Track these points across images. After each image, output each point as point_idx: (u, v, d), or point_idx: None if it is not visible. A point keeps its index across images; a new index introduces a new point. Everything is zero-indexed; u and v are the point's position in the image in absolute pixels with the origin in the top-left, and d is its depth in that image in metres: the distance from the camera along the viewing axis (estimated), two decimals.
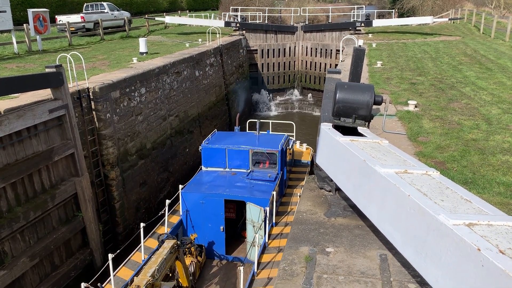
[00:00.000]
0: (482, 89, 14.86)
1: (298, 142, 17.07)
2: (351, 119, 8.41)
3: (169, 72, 17.03)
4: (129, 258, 9.69)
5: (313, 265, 6.24)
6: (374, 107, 8.75)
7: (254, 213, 10.37)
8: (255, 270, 8.95)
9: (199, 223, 11.35)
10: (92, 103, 12.19)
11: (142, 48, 19.71)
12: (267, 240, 9.92)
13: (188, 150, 18.18)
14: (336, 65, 24.86)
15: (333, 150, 7.86)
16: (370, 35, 30.17)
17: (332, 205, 8.26)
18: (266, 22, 36.42)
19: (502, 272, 3.45)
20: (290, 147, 13.93)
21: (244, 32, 30.51)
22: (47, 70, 10.39)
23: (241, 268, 8.16)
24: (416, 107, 12.77)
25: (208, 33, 25.06)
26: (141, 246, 9.75)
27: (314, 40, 31.92)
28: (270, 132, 14.71)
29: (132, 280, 8.37)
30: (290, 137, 14.79)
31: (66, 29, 23.37)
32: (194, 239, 10.64)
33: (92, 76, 13.88)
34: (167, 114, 16.67)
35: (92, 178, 12.03)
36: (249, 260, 10.47)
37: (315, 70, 32.04)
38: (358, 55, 10.06)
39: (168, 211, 11.14)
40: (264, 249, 9.73)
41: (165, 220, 10.80)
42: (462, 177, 8.16)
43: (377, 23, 31.59)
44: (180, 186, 11.36)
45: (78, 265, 11.04)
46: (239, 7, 37.60)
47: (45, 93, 10.80)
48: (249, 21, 33.45)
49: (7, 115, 9.01)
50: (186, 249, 9.63)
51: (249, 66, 30.72)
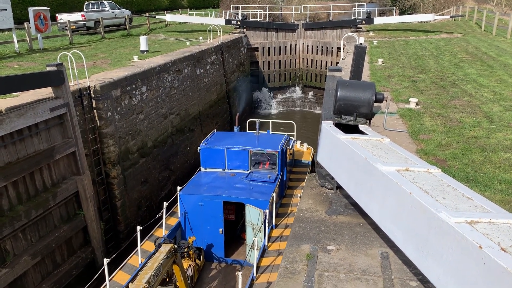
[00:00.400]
0: (483, 87, 14.82)
1: (298, 142, 16.89)
2: (352, 117, 8.40)
3: (170, 70, 17.02)
4: (126, 262, 9.50)
5: (314, 263, 6.24)
6: (375, 105, 8.74)
7: (253, 215, 10.20)
8: (254, 274, 8.78)
9: (197, 225, 11.17)
10: (93, 101, 12.19)
11: (143, 46, 19.70)
12: (266, 243, 9.75)
13: (189, 149, 18.18)
14: (337, 63, 24.82)
15: (334, 148, 7.86)
16: (371, 32, 30.10)
17: (333, 203, 8.26)
18: (267, 20, 36.36)
19: (504, 270, 3.44)
20: (290, 147, 13.75)
21: (245, 30, 30.47)
22: (48, 69, 10.38)
23: (240, 274, 7.99)
24: (417, 104, 12.75)
25: (209, 31, 25.03)
26: (138, 249, 9.54)
27: (315, 38, 31.87)
28: (270, 132, 14.57)
29: (127, 286, 8.24)
30: (291, 137, 14.62)
31: (67, 27, 23.36)
32: (193, 242, 10.48)
33: (93, 74, 13.88)
34: (168, 113, 16.67)
35: (93, 176, 12.04)
36: (248, 263, 10.30)
37: (316, 68, 32.00)
38: (359, 52, 10.04)
39: (166, 213, 10.97)
40: (263, 252, 9.55)
41: (163, 222, 10.61)
42: (463, 174, 8.15)
43: (378, 20, 31.53)
44: (178, 188, 11.18)
45: (79, 264, 11.06)
46: (240, 5, 37.56)
47: (46, 92, 10.80)
48: (250, 19, 33.40)
49: (8, 114, 9.01)
50: (184, 252, 9.46)
51: (250, 64, 30.69)
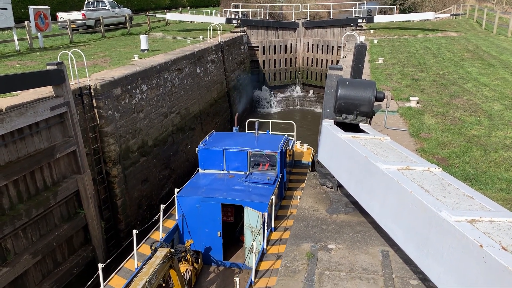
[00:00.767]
0: (484, 85, 14.81)
1: (298, 142, 16.68)
2: (353, 115, 8.39)
3: (170, 69, 17.01)
4: (122, 266, 9.35)
5: (315, 262, 6.24)
6: (376, 103, 8.72)
7: (252, 218, 10.04)
8: (253, 279, 8.58)
9: (195, 228, 10.98)
10: (94, 100, 12.19)
11: (143, 45, 19.69)
12: (265, 247, 9.55)
13: (189, 147, 18.18)
14: (338, 61, 24.80)
15: (334, 147, 7.85)
16: (372, 31, 30.07)
17: (333, 201, 8.26)
18: (267, 18, 36.32)
19: (505, 269, 3.44)
20: (290, 148, 13.57)
21: (245, 28, 30.44)
22: (48, 68, 10.37)
23: (237, 280, 7.85)
24: (418, 103, 12.74)
25: (209, 29, 25.01)
26: (134, 253, 9.36)
27: (315, 36, 31.83)
28: (270, 132, 14.41)
29: None
30: (290, 138, 14.44)
31: (67, 26, 23.35)
32: (190, 245, 10.29)
33: (93, 73, 13.88)
34: (168, 111, 16.67)
35: (94, 175, 12.04)
36: (247, 266, 10.16)
37: (316, 66, 31.97)
38: (360, 51, 10.02)
39: (164, 216, 10.76)
40: (262, 255, 9.37)
41: (159, 225, 10.43)
42: (464, 173, 8.15)
43: (378, 19, 31.48)
44: (176, 190, 10.97)
45: (80, 262, 11.08)
46: (240, 4, 37.52)
47: (47, 91, 10.80)
48: (250, 18, 33.37)
49: (9, 113, 9.01)
50: (181, 256, 9.28)
51: (251, 62, 30.66)
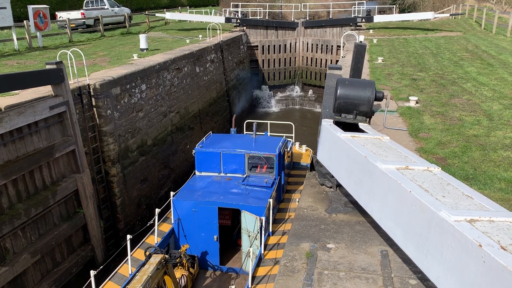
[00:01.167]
0: (483, 85, 14.82)
1: (297, 144, 16.45)
2: (352, 115, 8.40)
3: (169, 68, 17.00)
4: (116, 271, 9.14)
5: (314, 261, 6.25)
6: (375, 103, 8.73)
7: (249, 222, 9.88)
8: (249, 285, 8.38)
9: (191, 232, 10.79)
10: (93, 99, 12.17)
11: (143, 44, 19.67)
12: (263, 252, 9.33)
13: (189, 147, 18.17)
14: (337, 61, 24.81)
15: (334, 146, 7.86)
16: (371, 31, 30.08)
17: (333, 201, 8.27)
18: (267, 18, 36.32)
19: (504, 268, 3.44)
20: (288, 149, 13.38)
21: (245, 28, 30.43)
22: (47, 67, 10.35)
23: (233, 287, 7.79)
24: (417, 103, 12.75)
25: (209, 29, 24.99)
26: (128, 258, 9.12)
27: (315, 36, 31.83)
28: (268, 134, 14.26)
29: None
30: (289, 139, 14.24)
31: (66, 25, 23.31)
32: (186, 250, 10.12)
33: (92, 72, 13.87)
34: (167, 111, 16.66)
35: (93, 174, 12.03)
36: (244, 271, 10.06)
37: (316, 66, 31.97)
38: (359, 51, 10.03)
39: (159, 220, 10.55)
40: (259, 261, 9.14)
41: (155, 229, 10.19)
42: (463, 173, 8.16)
43: (378, 18, 31.49)
44: (172, 193, 10.78)
45: (79, 262, 11.06)
46: (240, 3, 37.51)
47: (46, 90, 10.78)
48: (250, 17, 33.36)
49: (8, 112, 9.00)
50: (176, 262, 9.10)
51: (250, 62, 30.66)
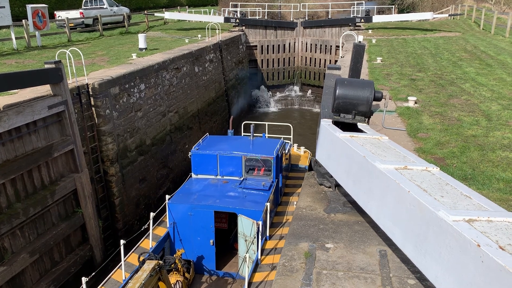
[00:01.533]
0: (482, 85, 14.84)
1: (295, 145, 16.20)
2: (351, 115, 8.41)
3: (168, 68, 16.99)
4: (109, 277, 8.99)
5: (313, 261, 6.25)
6: (374, 103, 8.74)
7: (246, 226, 9.69)
8: None
9: (187, 236, 10.59)
10: (92, 99, 12.16)
11: (142, 44, 19.65)
12: (259, 257, 9.15)
13: (187, 146, 18.16)
14: (336, 61, 24.82)
15: (333, 146, 7.86)
16: (370, 31, 30.10)
17: (331, 201, 8.27)
18: (266, 18, 36.32)
19: (502, 268, 3.45)
20: (286, 151, 13.20)
21: (244, 28, 30.43)
22: (46, 66, 10.34)
23: None
24: (416, 103, 12.77)
25: (208, 29, 24.98)
26: (121, 264, 8.96)
27: (313, 36, 31.84)
28: (266, 135, 14.11)
29: None
30: (287, 141, 14.06)
31: (65, 25, 23.28)
32: (181, 254, 9.94)
33: (91, 72, 13.85)
34: (166, 110, 16.65)
35: (91, 174, 12.01)
36: (241, 276, 9.90)
37: (314, 66, 31.99)
38: (358, 51, 10.05)
39: (154, 223, 10.36)
40: (256, 266, 8.97)
41: (149, 234, 9.98)
42: (461, 173, 8.17)
43: (377, 19, 31.53)
44: (167, 196, 10.57)
45: (78, 261, 11.05)
46: (239, 3, 37.49)
47: (44, 89, 10.77)
48: (249, 17, 33.35)
49: (6, 111, 8.98)
50: (171, 268, 8.90)
51: (249, 62, 30.65)
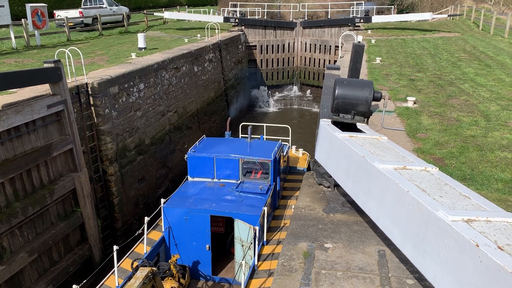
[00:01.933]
0: (481, 86, 14.86)
1: (294, 147, 15.99)
2: (350, 115, 8.41)
3: (168, 67, 16.98)
4: (102, 283, 8.89)
5: (312, 261, 6.25)
6: (373, 103, 8.75)
7: (242, 231, 9.49)
8: None
9: (182, 240, 10.39)
10: (91, 98, 12.15)
11: (141, 43, 19.64)
12: (256, 263, 8.95)
13: (186, 146, 18.16)
14: (335, 61, 24.83)
15: (332, 146, 7.87)
16: (369, 31, 30.12)
17: (330, 201, 8.28)
18: (265, 17, 36.32)
19: (501, 268, 3.46)
20: (284, 154, 13.04)
21: (243, 27, 30.42)
22: (45, 65, 10.33)
23: None
24: (415, 103, 12.78)
25: (207, 28, 24.98)
26: (114, 270, 8.73)
27: (313, 36, 31.85)
28: (264, 137, 13.99)
29: None
30: (285, 143, 13.88)
31: (64, 24, 23.26)
32: (176, 260, 9.74)
33: (90, 71, 13.84)
34: (165, 110, 16.65)
35: (90, 173, 12.01)
36: (237, 281, 9.82)
37: (314, 66, 32.00)
38: (357, 51, 10.06)
39: (150, 227, 10.29)
40: (253, 272, 8.77)
41: (144, 238, 9.81)
42: (460, 173, 8.18)
43: (376, 19, 31.55)
44: (162, 200, 10.38)
45: (76, 261, 11.04)
46: (238, 3, 37.48)
47: (44, 89, 10.76)
48: (248, 17, 33.35)
49: (5, 110, 8.97)
50: (166, 274, 8.82)
51: (248, 62, 30.65)
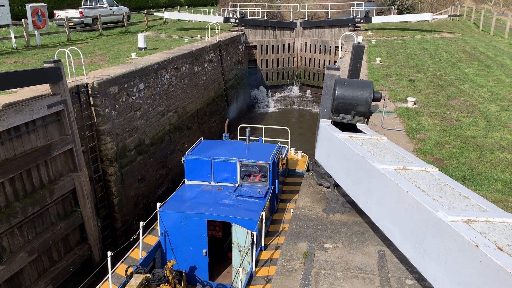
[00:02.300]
0: (481, 86, 14.87)
1: (293, 149, 15.76)
2: (350, 115, 8.42)
3: (168, 67, 16.99)
4: None
5: (311, 261, 6.26)
6: (373, 103, 8.75)
7: (240, 236, 9.30)
8: None
9: (179, 245, 10.20)
10: (91, 98, 12.15)
11: (141, 43, 19.65)
12: (254, 269, 8.77)
13: (186, 146, 18.16)
14: (335, 61, 24.84)
15: (332, 147, 7.87)
16: (369, 31, 30.13)
17: (330, 201, 8.28)
18: (265, 18, 36.33)
19: (500, 268, 3.46)
20: (283, 156, 12.83)
21: (243, 28, 30.43)
22: (45, 65, 10.33)
23: None
24: (415, 104, 12.78)
25: (207, 29, 24.99)
26: (108, 276, 8.50)
27: (313, 36, 31.86)
28: (263, 139, 13.83)
29: None
30: (284, 145, 13.67)
31: (64, 24, 23.26)
32: (172, 265, 9.46)
33: (90, 71, 13.84)
34: (165, 110, 16.65)
35: (90, 173, 12.01)
36: (234, 287, 9.60)
37: (314, 66, 32.01)
38: (357, 51, 10.07)
39: (146, 232, 10.14)
40: (251, 278, 8.63)
41: (139, 243, 9.60)
42: (460, 174, 8.18)
43: (376, 19, 31.55)
44: (158, 204, 10.17)
45: (76, 261, 11.05)
46: (238, 3, 37.50)
47: (44, 88, 10.77)
48: (248, 17, 33.35)
49: (6, 110, 8.98)
50: (161, 281, 8.63)
51: (248, 62, 30.66)
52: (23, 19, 19.88)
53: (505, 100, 13.03)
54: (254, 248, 9.00)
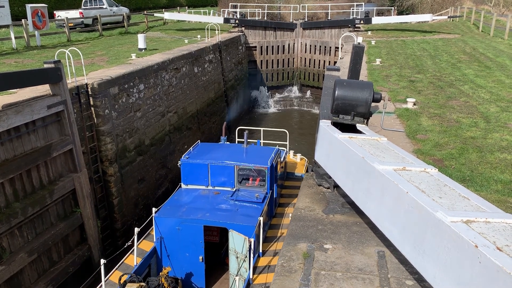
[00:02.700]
0: (480, 87, 14.88)
1: (291, 152, 15.55)
2: (350, 116, 8.42)
3: (168, 68, 16.99)
4: None
5: (311, 262, 6.26)
6: (373, 104, 8.76)
7: (237, 243, 9.06)
8: None
9: (175, 252, 9.96)
10: (91, 99, 12.16)
11: (141, 44, 19.66)
12: (251, 276, 8.56)
13: (186, 147, 18.16)
14: (335, 62, 24.85)
15: (331, 147, 7.88)
16: (369, 32, 30.15)
17: (330, 202, 8.28)
18: (265, 18, 36.35)
19: (500, 269, 3.47)
20: (281, 160, 12.62)
21: (243, 28, 30.45)
22: (45, 66, 10.34)
23: None
24: (414, 104, 12.79)
25: (207, 29, 25.00)
26: (102, 284, 8.32)
27: (313, 37, 31.89)
28: (261, 142, 13.65)
29: None
30: (282, 148, 13.51)
31: (64, 24, 23.28)
32: (168, 272, 9.23)
33: (90, 72, 13.85)
34: (165, 111, 16.66)
35: (90, 174, 12.01)
36: None
37: (314, 67, 32.03)
38: (357, 52, 10.07)
39: (140, 238, 9.99)
40: (248, 286, 8.43)
41: (134, 250, 9.40)
42: (460, 174, 8.19)
43: (376, 20, 31.58)
44: (154, 209, 9.97)
45: (76, 261, 11.04)
46: (238, 4, 37.52)
47: (44, 89, 10.77)
48: (248, 18, 33.38)
49: (6, 111, 8.98)
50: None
51: (248, 63, 30.68)
52: (23, 20, 19.89)
53: (504, 101, 13.04)
54: (252, 254, 8.78)
